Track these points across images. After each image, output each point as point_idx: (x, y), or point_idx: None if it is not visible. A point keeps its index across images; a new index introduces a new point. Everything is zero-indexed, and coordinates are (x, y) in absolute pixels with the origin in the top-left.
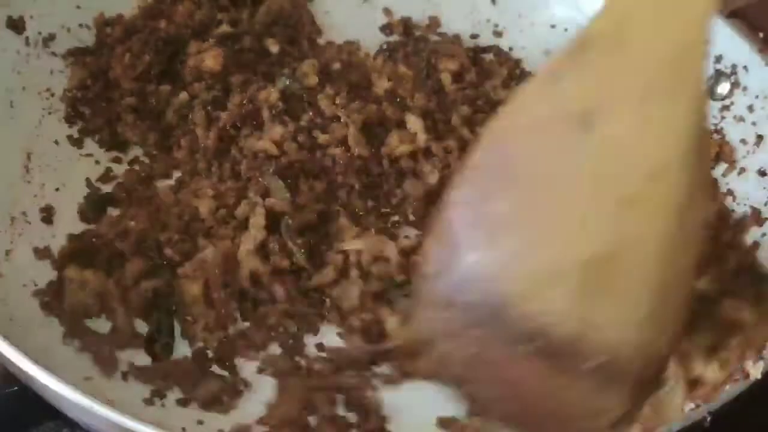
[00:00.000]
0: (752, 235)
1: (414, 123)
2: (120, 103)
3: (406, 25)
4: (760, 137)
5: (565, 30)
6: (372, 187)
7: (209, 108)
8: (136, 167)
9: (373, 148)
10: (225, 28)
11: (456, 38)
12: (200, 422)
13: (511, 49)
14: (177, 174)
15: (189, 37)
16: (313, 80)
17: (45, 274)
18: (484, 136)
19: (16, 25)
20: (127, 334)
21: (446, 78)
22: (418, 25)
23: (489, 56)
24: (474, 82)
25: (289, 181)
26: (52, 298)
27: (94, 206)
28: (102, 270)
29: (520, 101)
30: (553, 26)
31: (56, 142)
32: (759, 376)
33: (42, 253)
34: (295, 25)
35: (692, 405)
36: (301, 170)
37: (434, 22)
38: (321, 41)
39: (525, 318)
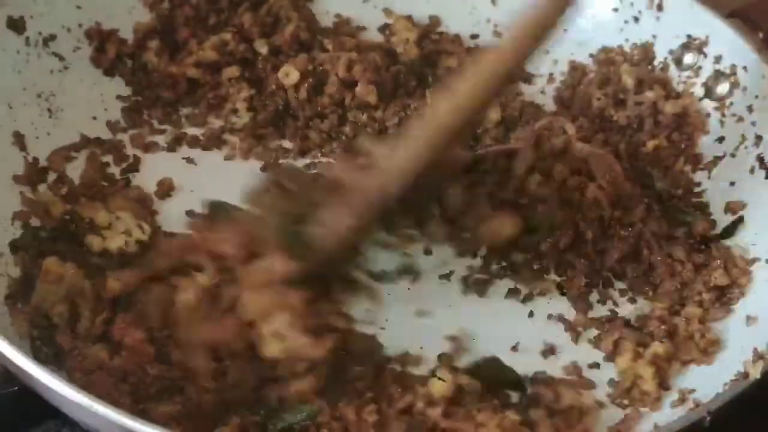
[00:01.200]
0: None
1: None
2: None
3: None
4: (759, 137)
5: (565, 30)
6: None
7: None
8: None
9: None
10: None
11: (456, 38)
12: None
13: None
14: None
15: None
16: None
17: None
18: None
19: (16, 25)
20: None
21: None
22: (419, 24)
23: None
24: None
25: None
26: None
27: None
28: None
29: None
30: None
31: None
32: (758, 376)
33: None
34: None
35: (692, 405)
36: None
37: (434, 22)
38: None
39: None
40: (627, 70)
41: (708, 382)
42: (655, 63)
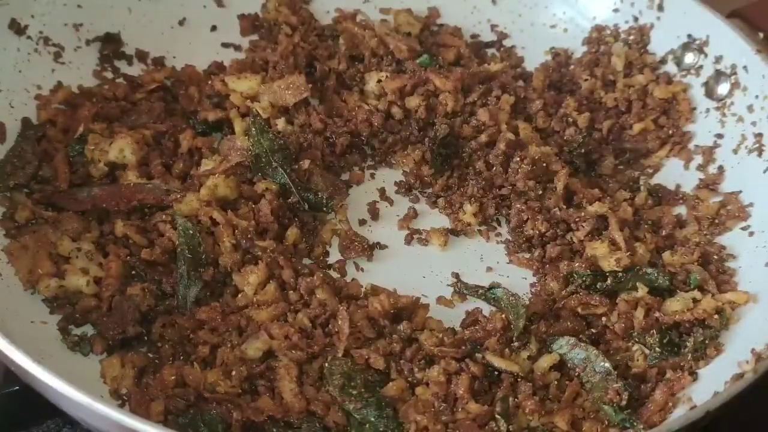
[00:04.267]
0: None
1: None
2: None
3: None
4: (759, 137)
5: (565, 30)
6: None
7: None
8: None
9: None
10: None
11: (456, 30)
12: None
13: (512, 47)
14: None
15: None
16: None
17: None
18: None
19: (18, 24)
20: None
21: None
22: (419, 17)
23: (492, 51)
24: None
25: None
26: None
27: None
28: None
29: None
30: (553, 26)
31: None
32: (754, 376)
33: None
34: None
35: (692, 404)
36: None
37: (433, 13)
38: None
39: None
40: (619, 50)
41: (707, 382)
42: (649, 49)
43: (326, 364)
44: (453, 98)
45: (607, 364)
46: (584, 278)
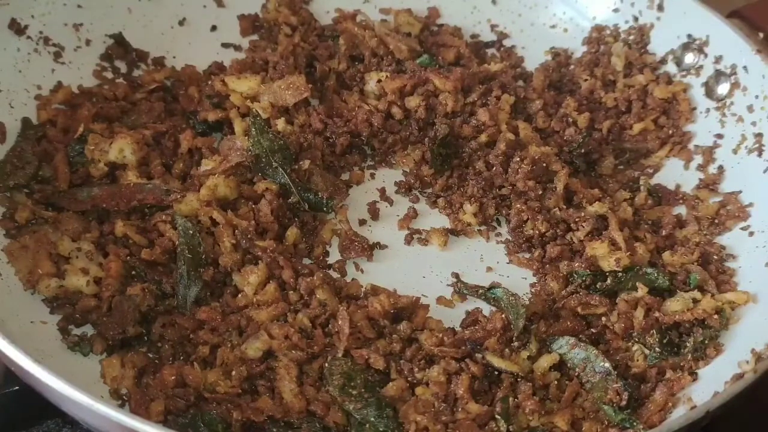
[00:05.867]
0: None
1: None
2: None
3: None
4: (759, 137)
5: (565, 30)
6: None
7: None
8: None
9: None
10: None
11: (456, 30)
12: None
13: (512, 47)
14: None
15: None
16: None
17: None
18: None
19: (18, 24)
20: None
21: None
22: (419, 17)
23: (492, 51)
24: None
25: None
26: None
27: None
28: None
29: None
30: (553, 26)
31: None
32: (754, 376)
33: None
34: None
35: (693, 404)
36: None
37: (434, 12)
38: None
39: None
40: (619, 50)
41: (707, 382)
42: (649, 49)
43: (326, 364)
44: (453, 98)
45: (607, 364)
46: (584, 278)
